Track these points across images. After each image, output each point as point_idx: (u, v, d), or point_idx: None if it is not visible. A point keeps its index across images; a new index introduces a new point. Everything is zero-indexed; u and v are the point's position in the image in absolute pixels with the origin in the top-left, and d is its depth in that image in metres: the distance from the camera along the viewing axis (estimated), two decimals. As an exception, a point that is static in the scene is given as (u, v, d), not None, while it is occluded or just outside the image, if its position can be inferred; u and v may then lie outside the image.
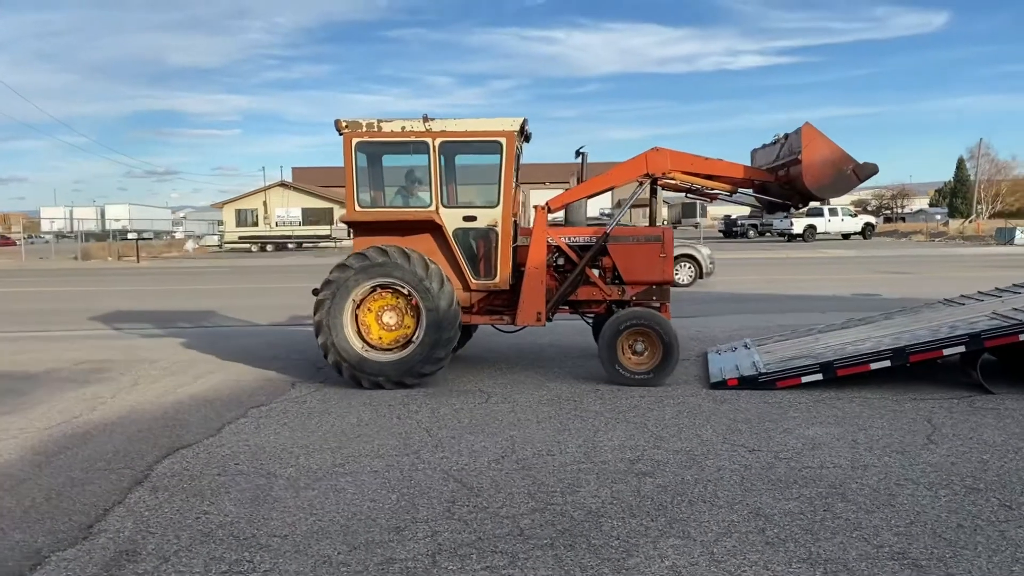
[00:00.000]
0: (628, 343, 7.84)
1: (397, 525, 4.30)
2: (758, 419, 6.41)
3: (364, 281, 7.69)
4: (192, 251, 43.88)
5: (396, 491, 4.84)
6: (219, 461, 5.50)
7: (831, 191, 8.36)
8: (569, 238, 8.38)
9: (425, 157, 7.92)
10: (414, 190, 8.43)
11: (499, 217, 7.99)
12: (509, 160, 7.92)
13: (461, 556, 3.89)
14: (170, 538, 4.16)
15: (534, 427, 6.29)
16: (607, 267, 8.45)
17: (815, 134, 8.05)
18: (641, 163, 8.34)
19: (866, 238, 47.54)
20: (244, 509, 4.57)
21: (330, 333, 7.64)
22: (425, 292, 7.60)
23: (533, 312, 8.05)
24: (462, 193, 8.79)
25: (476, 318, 8.32)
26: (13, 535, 4.22)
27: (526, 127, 8.11)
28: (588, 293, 8.45)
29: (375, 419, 6.61)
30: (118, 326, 13.34)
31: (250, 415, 6.82)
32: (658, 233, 8.41)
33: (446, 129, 7.89)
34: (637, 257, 8.33)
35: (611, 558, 3.86)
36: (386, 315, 7.81)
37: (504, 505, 4.58)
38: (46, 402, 7.30)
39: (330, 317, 7.65)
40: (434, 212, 7.94)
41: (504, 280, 8.10)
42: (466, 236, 8.09)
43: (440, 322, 7.59)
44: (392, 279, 7.67)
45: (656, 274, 8.33)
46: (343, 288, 7.67)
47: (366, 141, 7.99)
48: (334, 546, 4.04)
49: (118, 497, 4.79)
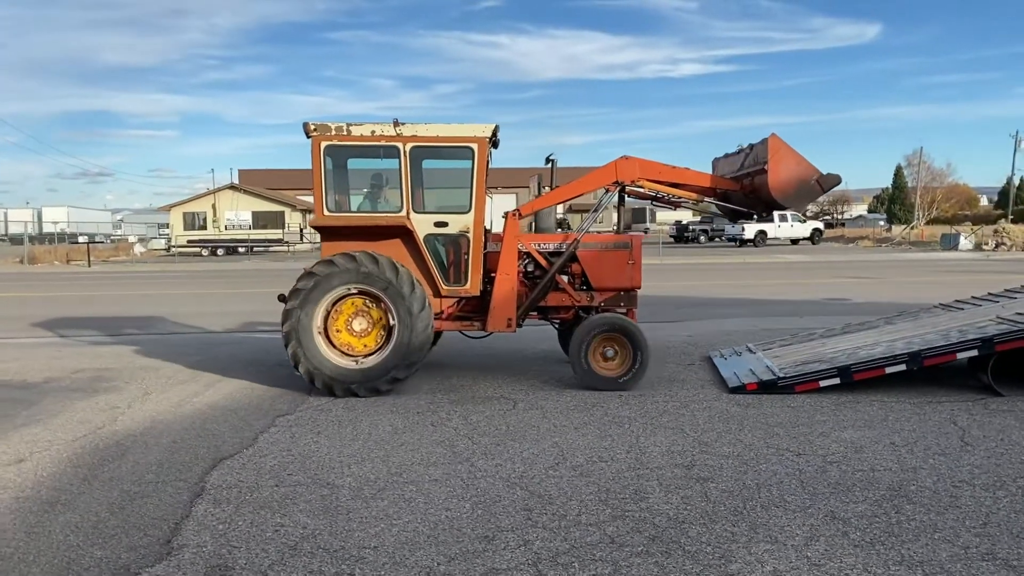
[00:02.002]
0: (599, 349, 7.94)
1: (484, 534, 4.28)
2: (790, 423, 6.54)
3: (333, 288, 7.60)
4: (140, 255, 42.72)
5: (467, 500, 4.81)
6: (270, 472, 5.40)
7: (795, 201, 8.63)
8: (539, 245, 8.47)
9: (396, 162, 7.87)
10: (384, 195, 8.39)
11: (471, 223, 7.99)
12: (481, 166, 7.94)
13: (563, 564, 3.90)
14: (257, 552, 4.07)
15: (573, 434, 6.31)
16: (576, 273, 8.57)
17: (781, 145, 8.29)
18: (611, 171, 8.47)
19: (815, 243, 48.78)
20: (320, 520, 4.50)
21: (300, 343, 7.53)
22: (397, 296, 7.56)
23: (504, 318, 8.10)
24: (433, 199, 8.78)
25: (446, 324, 8.33)
26: (93, 551, 4.08)
27: (497, 134, 8.14)
28: (557, 299, 8.55)
29: (410, 427, 6.56)
30: (95, 332, 12.94)
31: (279, 424, 6.70)
32: (627, 240, 8.56)
33: (417, 134, 7.85)
34: (606, 264, 8.47)
35: (711, 564, 3.91)
36: (356, 321, 7.74)
37: (582, 513, 4.59)
38: (61, 413, 7.06)
39: (299, 326, 7.53)
40: (405, 217, 7.90)
41: (475, 286, 8.12)
42: (437, 242, 8.10)
43: (413, 326, 7.56)
44: (362, 285, 7.60)
45: (625, 280, 8.49)
46: (312, 296, 7.57)
47: (335, 145, 7.89)
48: (430, 556, 4.01)
49: (183, 511, 4.66)
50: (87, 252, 36.62)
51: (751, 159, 8.68)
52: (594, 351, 7.89)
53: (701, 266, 30.78)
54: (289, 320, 7.54)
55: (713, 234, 53.41)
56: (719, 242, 52.74)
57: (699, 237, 54.18)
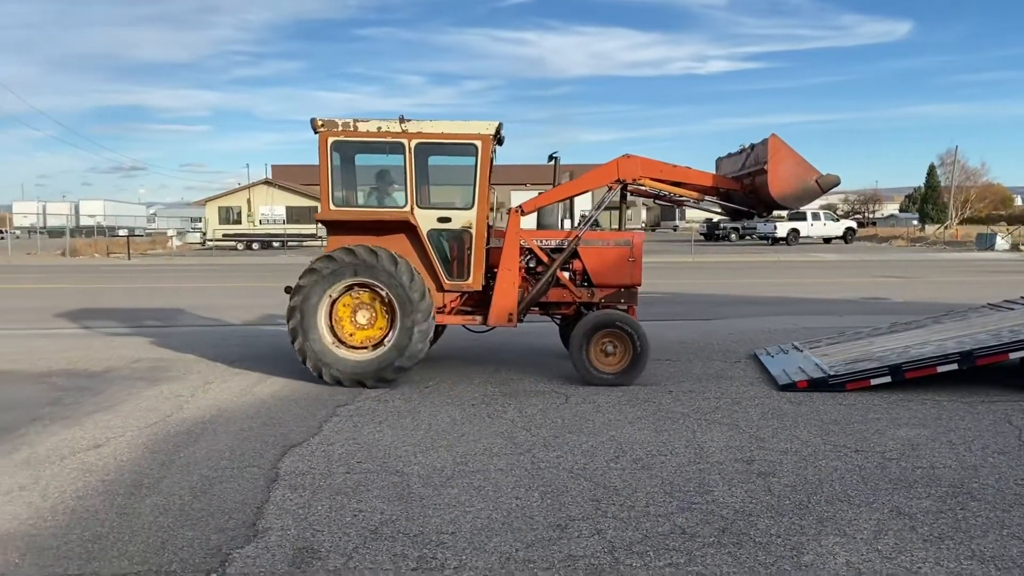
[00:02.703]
0: (600, 344, 8.03)
1: (556, 523, 4.40)
2: (845, 421, 6.59)
3: (334, 283, 7.78)
4: (176, 248, 43.36)
5: (534, 489, 4.93)
6: (339, 459, 5.56)
7: (794, 201, 8.65)
8: (541, 241, 8.57)
9: (401, 158, 8.02)
10: (389, 190, 8.55)
11: (473, 219, 8.12)
12: (484, 163, 8.07)
13: (638, 553, 4.01)
14: (340, 536, 4.22)
15: (629, 428, 6.41)
16: (577, 270, 8.65)
17: (781, 145, 8.31)
18: (612, 169, 8.54)
19: (847, 242, 48.34)
20: (395, 506, 4.64)
21: (305, 338, 7.73)
22: (397, 287, 7.72)
23: (505, 313, 8.22)
24: (437, 194, 8.93)
25: (448, 318, 8.46)
26: (183, 532, 4.25)
27: (501, 131, 8.26)
28: (558, 295, 8.64)
29: (468, 419, 6.69)
30: (144, 323, 13.24)
31: (340, 413, 6.86)
32: (628, 238, 8.63)
33: (422, 130, 8.00)
34: (607, 261, 8.54)
35: (783, 555, 3.99)
36: (359, 314, 7.92)
37: (649, 504, 4.69)
38: (128, 400, 7.28)
39: (304, 322, 7.73)
40: (409, 213, 8.05)
41: (477, 281, 8.25)
42: (440, 237, 8.24)
43: (415, 315, 7.71)
44: (362, 278, 7.78)
45: (625, 277, 8.56)
46: (314, 292, 7.75)
47: (341, 140, 8.06)
48: (507, 542, 4.14)
49: (262, 495, 4.83)
50: (127, 245, 37.25)
51: (752, 159, 8.73)
52: (594, 347, 8.00)
53: (734, 264, 30.68)
54: (293, 316, 7.75)
55: (744, 232, 53.08)
56: (750, 240, 52.44)
57: (730, 235, 53.89)
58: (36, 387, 7.83)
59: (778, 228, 46.54)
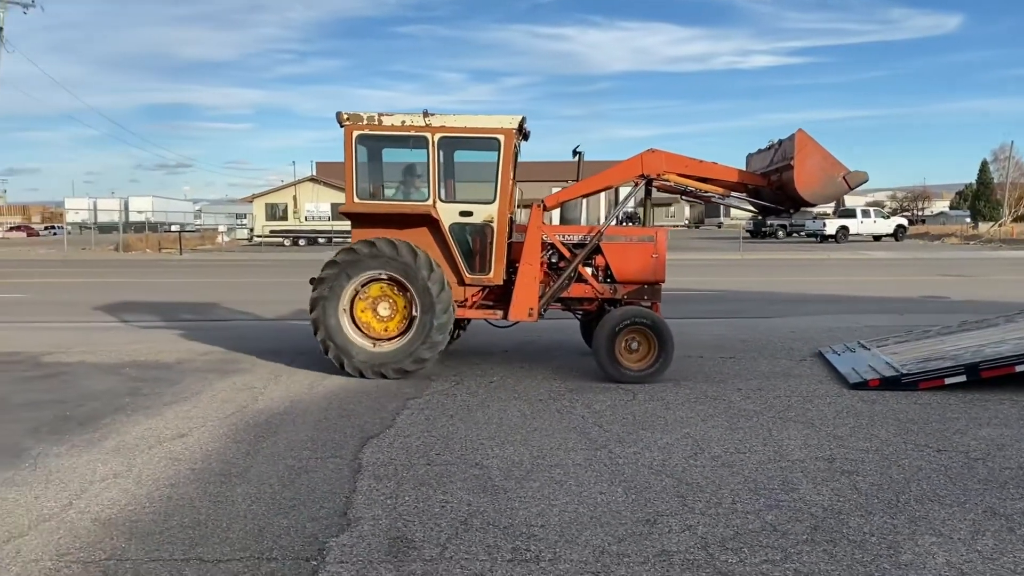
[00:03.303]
0: (624, 341, 7.96)
1: (644, 518, 4.39)
2: (922, 420, 6.47)
3: (355, 275, 7.88)
4: (224, 244, 44.08)
5: (617, 485, 4.93)
6: (417, 451, 5.61)
7: (821, 197, 8.47)
8: (563, 236, 8.51)
9: (424, 152, 8.06)
10: (412, 184, 8.57)
11: (495, 213, 8.11)
12: (507, 157, 8.06)
13: (732, 550, 3.98)
14: (431, 527, 4.26)
15: (702, 425, 6.37)
16: (600, 266, 8.57)
17: (808, 140, 8.15)
18: (636, 164, 8.45)
19: (898, 240, 47.45)
20: (481, 498, 4.67)
21: (327, 329, 7.84)
22: (415, 279, 7.77)
23: (526, 308, 8.20)
24: (459, 189, 8.95)
25: (469, 312, 8.46)
26: (278, 520, 4.33)
27: (524, 125, 8.22)
28: (581, 291, 8.57)
29: (537, 414, 6.70)
30: (206, 317, 13.48)
31: (410, 406, 6.92)
32: (651, 233, 8.53)
33: (445, 125, 8.03)
34: (630, 257, 8.45)
35: (881, 554, 3.94)
36: (381, 306, 8.01)
37: (736, 501, 4.66)
38: (203, 392, 7.42)
39: (325, 314, 7.83)
40: (431, 206, 8.07)
41: (498, 275, 8.24)
42: (462, 231, 8.23)
43: (434, 306, 7.77)
44: (382, 270, 7.86)
45: (648, 274, 8.47)
46: (336, 284, 7.86)
47: (366, 134, 8.14)
48: (598, 536, 4.14)
49: (349, 485, 4.89)
50: (179, 241, 37.99)
51: (779, 155, 8.58)
52: (619, 343, 7.93)
53: (783, 262, 30.28)
54: (316, 308, 7.87)
55: (792, 229, 52.38)
56: (797, 238, 51.70)
57: (777, 232, 53.21)
58: (112, 378, 8.02)
59: (827, 225, 45.83)
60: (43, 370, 8.44)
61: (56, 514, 4.38)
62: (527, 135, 8.89)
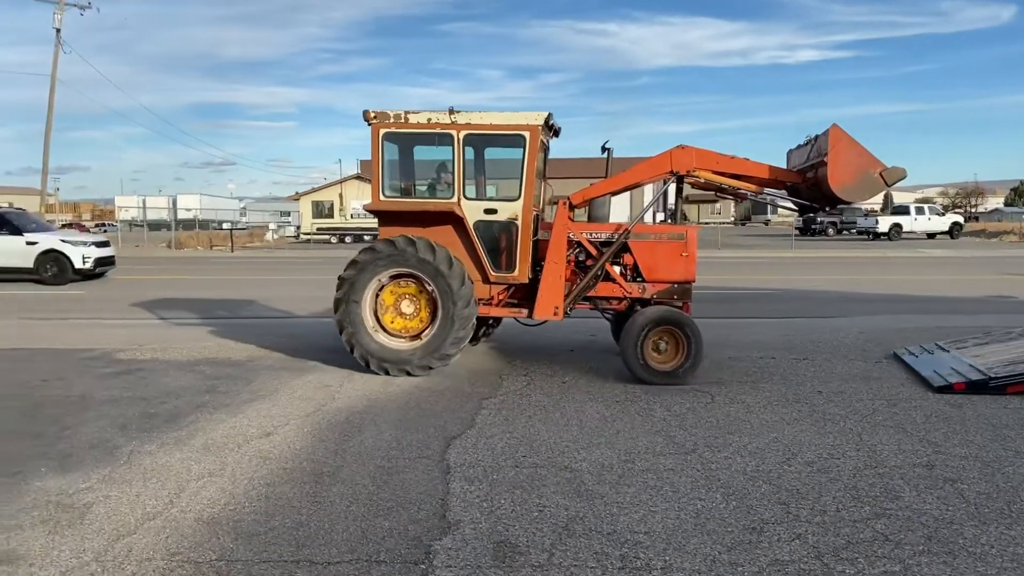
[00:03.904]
0: (652, 341, 7.81)
1: (750, 526, 4.29)
2: (1018, 425, 6.26)
3: (376, 274, 7.90)
4: (272, 241, 44.60)
5: (714, 491, 4.83)
6: (504, 453, 5.56)
7: (856, 194, 8.13)
8: (591, 234, 8.36)
9: (449, 149, 8.03)
10: (437, 181, 8.55)
11: (519, 211, 8.03)
12: (532, 154, 7.96)
13: (848, 560, 3.87)
14: (532, 531, 4.21)
15: (788, 429, 6.23)
16: (628, 264, 8.40)
17: (842, 135, 7.86)
18: (665, 160, 8.28)
19: (953, 238, 46.31)
20: (578, 503, 4.60)
21: (352, 328, 7.89)
22: (435, 275, 7.77)
23: (551, 306, 8.11)
24: (484, 185, 8.86)
25: (495, 310, 8.40)
26: (379, 522, 4.31)
27: (550, 121, 8.13)
28: (608, 290, 8.41)
29: (618, 416, 6.61)
30: (267, 314, 13.61)
31: (486, 407, 6.88)
32: (681, 231, 8.33)
33: (471, 122, 7.97)
34: (659, 255, 8.27)
35: (1004, 567, 3.80)
36: (404, 304, 8.04)
37: (840, 509, 4.54)
38: (279, 390, 7.46)
39: (349, 313, 7.88)
40: (455, 204, 8.04)
41: (523, 273, 8.17)
42: (487, 228, 8.16)
43: (455, 302, 7.75)
44: (402, 268, 7.88)
45: (678, 273, 8.27)
46: (358, 284, 7.89)
47: (393, 132, 8.13)
48: (706, 544, 4.05)
49: (442, 487, 4.86)
50: (230, 238, 38.52)
51: (815, 151, 8.32)
52: (647, 343, 7.78)
53: (836, 260, 29.71)
54: (339, 308, 7.94)
55: (842, 227, 51.41)
56: (847, 235, 50.75)
57: (827, 230, 52.25)
58: (189, 375, 8.11)
59: (880, 223, 44.88)
60: (119, 367, 8.56)
61: (159, 512, 4.42)
62: (557, 131, 8.84)
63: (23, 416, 6.51)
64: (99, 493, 4.71)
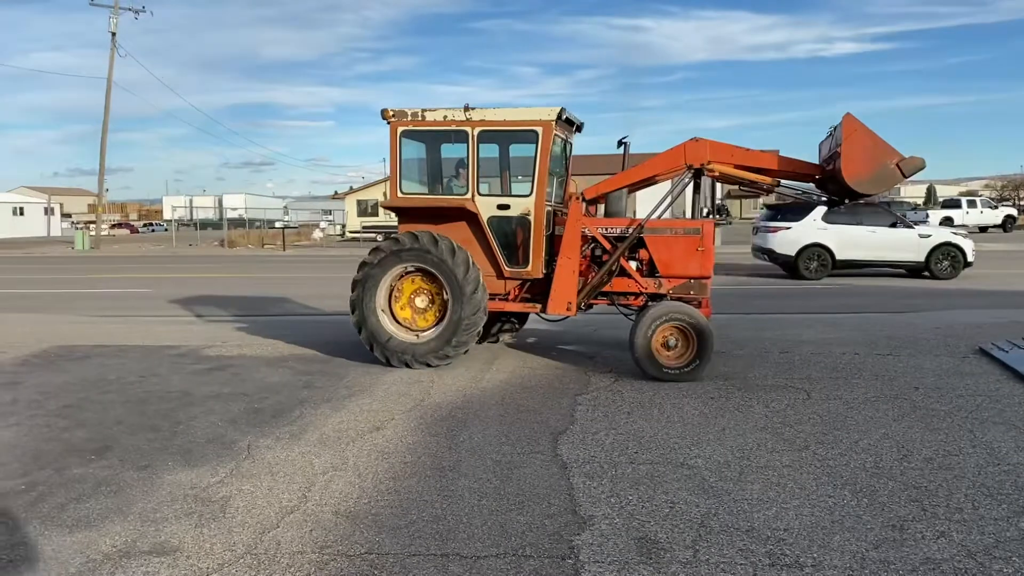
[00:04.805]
0: (661, 338, 7.69)
1: (890, 523, 4.24)
2: None
3: (393, 265, 8.05)
4: (319, 240, 45.04)
5: (841, 488, 4.78)
6: (615, 448, 5.56)
7: (871, 186, 7.86)
8: (605, 229, 8.27)
9: (464, 146, 8.09)
10: (453, 178, 8.60)
11: (532, 206, 8.03)
12: (545, 149, 7.96)
13: (1002, 559, 3.81)
14: (670, 528, 4.20)
15: (895, 425, 6.14)
16: (644, 259, 8.31)
17: (856, 126, 7.65)
18: (679, 154, 8.19)
19: (1006, 231, 45.30)
20: (707, 500, 4.58)
21: (363, 313, 8.07)
22: (450, 274, 7.85)
23: (564, 301, 8.10)
24: (498, 181, 8.87)
25: (511, 305, 8.45)
26: (515, 517, 4.33)
27: (563, 115, 8.09)
28: (624, 285, 8.34)
29: (717, 413, 6.57)
30: (336, 310, 13.74)
31: (581, 402, 6.89)
32: (697, 226, 8.19)
33: (485, 118, 8.05)
34: (674, 250, 8.16)
35: None
36: (418, 298, 8.19)
37: (977, 507, 4.46)
38: (374, 386, 7.53)
39: (364, 298, 8.07)
40: (469, 200, 8.10)
41: (537, 269, 8.17)
42: (500, 224, 8.19)
43: (465, 304, 7.83)
44: (419, 263, 7.99)
45: (694, 268, 8.14)
46: (375, 271, 8.07)
47: (410, 129, 8.27)
48: (849, 541, 4.01)
49: (563, 482, 4.88)
50: (283, 237, 39.00)
51: (833, 142, 8.11)
52: (656, 339, 7.68)
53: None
54: (355, 291, 8.16)
55: (890, 221, 50.53)
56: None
57: (874, 224, 51.35)
58: (280, 371, 8.22)
59: (930, 216, 44.05)
60: (209, 363, 8.71)
61: (296, 507, 4.48)
62: (580, 127, 8.87)
63: (132, 411, 6.65)
64: (232, 487, 4.80)
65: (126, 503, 4.55)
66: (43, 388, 7.51)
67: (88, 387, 7.55)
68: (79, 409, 6.72)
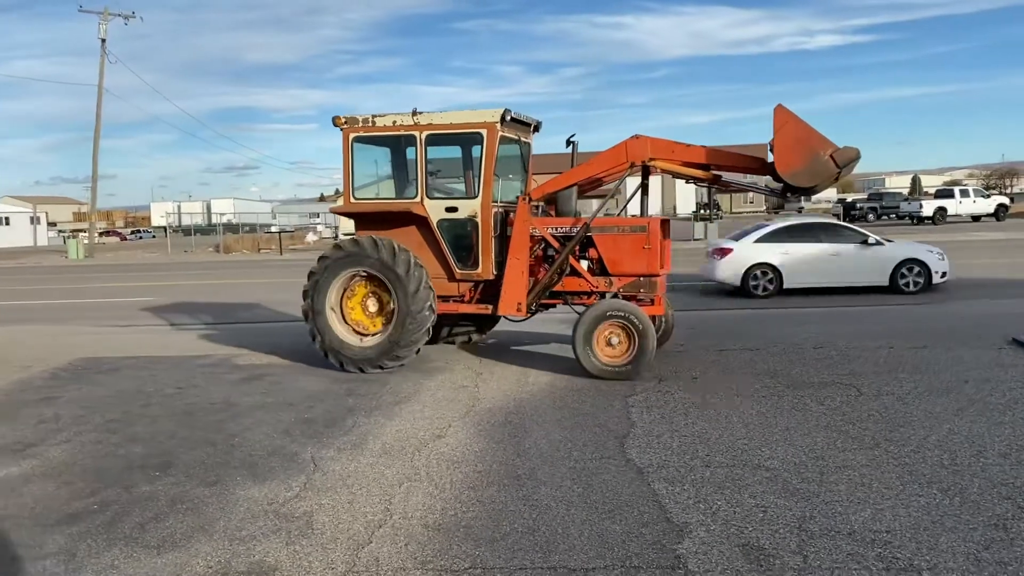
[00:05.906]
0: (603, 336, 7.67)
1: (991, 522, 4.18)
2: None
3: (339, 271, 8.13)
4: (312, 243, 44.80)
5: (928, 486, 4.72)
6: (685, 451, 5.49)
7: (805, 178, 7.68)
8: (554, 228, 8.25)
9: (413, 150, 8.18)
10: (403, 182, 8.71)
11: (479, 208, 8.06)
12: (490, 151, 8.00)
13: (1116, 556, 3.74)
14: (770, 533, 4.12)
15: (958, 420, 6.09)
16: (594, 258, 8.30)
17: (788, 117, 7.53)
18: (621, 152, 8.21)
19: (999, 220, 45.54)
20: (796, 503, 4.51)
21: (315, 320, 8.15)
22: (393, 275, 7.90)
23: (514, 302, 8.12)
24: (445, 184, 8.92)
25: (465, 307, 8.48)
26: (610, 526, 4.25)
27: (509, 116, 8.12)
28: (576, 284, 8.36)
29: (773, 412, 6.49)
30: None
31: (634, 404, 6.81)
32: (643, 223, 8.18)
33: (432, 122, 8.11)
34: (622, 248, 8.15)
35: None
36: (369, 302, 8.26)
37: (1072, 502, 4.40)
38: (419, 392, 7.43)
39: (314, 305, 8.16)
40: (418, 203, 8.15)
41: (487, 270, 8.20)
42: (450, 227, 8.23)
43: (410, 302, 7.87)
44: (362, 267, 8.06)
45: (641, 266, 8.12)
46: (324, 277, 8.16)
47: (362, 136, 8.34)
48: (953, 541, 3.95)
49: (646, 488, 4.80)
50: (279, 241, 38.76)
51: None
52: (597, 338, 7.67)
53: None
54: (306, 300, 8.31)
55: (883, 212, 50.78)
56: (887, 220, 50.11)
57: (867, 215, 51.60)
58: (317, 379, 8.10)
59: (924, 207, 44.28)
60: (244, 372, 8.58)
61: (383, 520, 4.38)
62: (537, 127, 8.93)
63: (182, 425, 6.53)
64: (311, 502, 4.69)
65: (207, 521, 4.43)
66: (83, 403, 7.36)
67: (128, 400, 7.41)
68: (126, 424, 6.59)
